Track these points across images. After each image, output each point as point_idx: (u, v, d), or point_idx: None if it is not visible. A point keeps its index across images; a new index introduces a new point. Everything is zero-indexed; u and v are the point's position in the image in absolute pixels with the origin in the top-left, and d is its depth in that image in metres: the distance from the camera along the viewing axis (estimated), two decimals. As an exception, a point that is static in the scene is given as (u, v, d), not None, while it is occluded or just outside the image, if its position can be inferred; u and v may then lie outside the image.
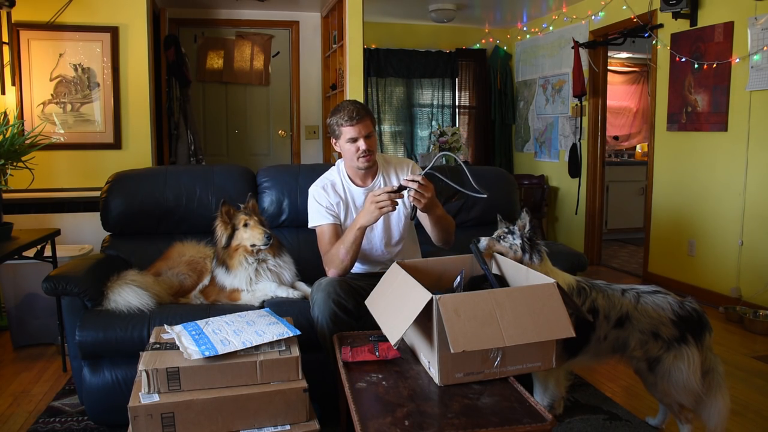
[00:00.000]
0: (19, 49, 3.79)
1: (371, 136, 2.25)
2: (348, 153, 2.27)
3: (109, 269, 2.37)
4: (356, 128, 2.20)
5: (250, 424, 1.66)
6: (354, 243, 2.16)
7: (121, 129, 4.00)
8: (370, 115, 2.26)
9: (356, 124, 2.20)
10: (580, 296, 2.01)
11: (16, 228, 2.66)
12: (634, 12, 4.56)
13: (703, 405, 1.99)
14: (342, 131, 2.23)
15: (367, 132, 2.22)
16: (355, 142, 2.22)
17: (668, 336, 1.95)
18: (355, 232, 2.14)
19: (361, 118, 2.20)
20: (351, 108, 2.21)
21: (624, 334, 2.00)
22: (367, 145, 2.22)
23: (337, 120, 2.23)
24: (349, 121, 2.19)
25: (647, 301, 2.00)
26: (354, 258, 2.20)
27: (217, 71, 5.68)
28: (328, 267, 2.25)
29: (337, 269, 2.21)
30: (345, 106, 2.23)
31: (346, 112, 2.20)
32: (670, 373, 1.94)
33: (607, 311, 2.00)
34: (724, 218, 3.95)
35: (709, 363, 1.99)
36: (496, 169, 3.17)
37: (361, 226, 2.12)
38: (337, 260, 2.20)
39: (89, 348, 2.15)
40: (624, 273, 5.02)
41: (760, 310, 3.54)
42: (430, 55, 6.40)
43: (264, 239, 2.31)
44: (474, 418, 1.43)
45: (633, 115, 7.44)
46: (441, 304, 1.51)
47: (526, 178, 6.04)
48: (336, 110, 2.26)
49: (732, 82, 3.80)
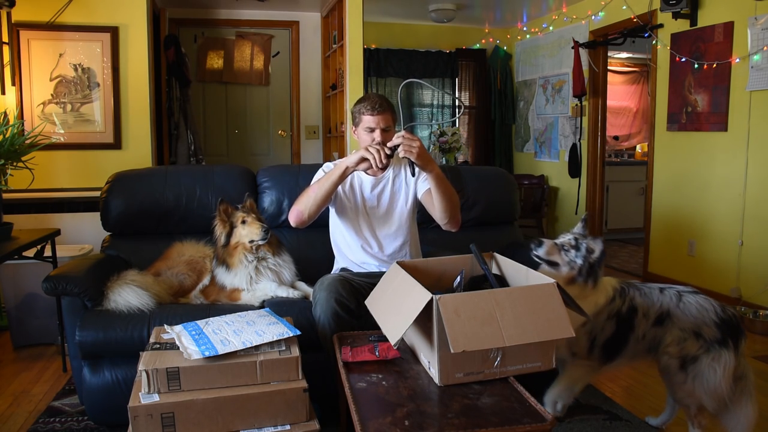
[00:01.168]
0: (19, 49, 3.79)
1: (389, 131, 2.28)
2: (363, 142, 2.28)
3: (109, 269, 2.37)
4: (376, 119, 2.25)
5: (250, 424, 1.66)
6: (328, 180, 2.18)
7: (121, 129, 4.00)
8: (393, 111, 2.30)
9: (377, 115, 2.24)
10: (621, 297, 2.01)
11: (16, 228, 2.66)
12: (634, 12, 4.56)
13: (729, 411, 1.96)
14: (362, 119, 2.28)
15: (385, 125, 2.26)
16: (372, 132, 2.26)
17: (710, 337, 1.93)
18: (331, 172, 2.18)
19: (382, 110, 2.25)
20: (375, 99, 2.28)
21: (661, 332, 1.98)
22: (383, 138, 2.24)
23: (359, 108, 2.29)
24: (371, 111, 2.25)
25: (690, 301, 1.98)
26: (319, 202, 2.21)
27: (217, 71, 5.68)
28: (294, 206, 2.29)
29: (297, 205, 2.26)
30: (370, 96, 2.30)
31: (370, 102, 2.27)
32: (703, 374, 1.92)
33: (645, 309, 1.99)
34: (724, 218, 3.95)
35: (742, 369, 1.96)
36: (496, 169, 3.17)
37: (341, 165, 2.16)
38: (304, 197, 2.24)
39: (89, 348, 2.15)
40: (624, 273, 5.02)
41: (760, 310, 3.54)
42: (430, 55, 6.40)
43: (262, 234, 2.31)
44: (474, 418, 1.43)
45: (633, 115, 7.45)
46: (441, 304, 1.51)
47: (526, 178, 6.04)
48: (361, 99, 2.34)
49: (732, 82, 3.80)
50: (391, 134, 2.28)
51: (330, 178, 2.18)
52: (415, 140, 2.04)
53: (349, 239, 2.41)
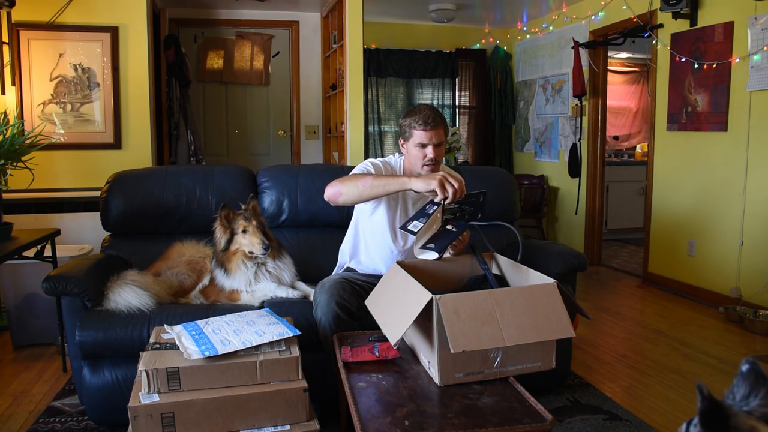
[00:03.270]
0: (19, 49, 3.79)
1: (441, 145, 2.20)
2: (413, 158, 2.22)
3: (109, 269, 2.37)
4: (429, 134, 2.16)
5: (250, 424, 1.66)
6: (383, 187, 2.00)
7: (121, 129, 4.00)
8: (445, 125, 2.22)
9: (429, 130, 2.15)
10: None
11: (16, 228, 2.66)
12: (634, 12, 4.56)
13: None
14: (413, 134, 2.18)
15: (438, 140, 2.18)
16: (423, 147, 2.18)
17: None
18: (392, 180, 2.01)
19: (436, 125, 2.16)
20: (428, 113, 2.16)
21: None
22: (435, 154, 2.18)
23: (410, 122, 2.18)
24: (423, 126, 2.15)
25: None
26: (362, 198, 2.07)
27: (217, 71, 5.68)
28: (336, 183, 2.10)
29: (341, 186, 2.07)
30: (422, 110, 2.19)
31: (422, 116, 2.16)
32: None
33: None
34: (724, 218, 3.95)
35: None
36: (496, 169, 3.17)
37: (404, 184, 1.98)
38: (350, 182, 2.06)
39: (89, 348, 2.15)
40: (624, 273, 5.02)
41: (760, 310, 3.54)
42: (430, 55, 6.40)
43: (261, 249, 2.30)
44: (474, 418, 1.43)
45: (633, 115, 7.44)
46: (441, 304, 1.51)
47: (526, 178, 6.04)
48: (412, 111, 2.21)
49: (732, 82, 3.80)
50: (443, 149, 2.22)
51: (386, 187, 2.03)
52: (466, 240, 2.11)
53: (376, 240, 2.33)
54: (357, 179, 2.08)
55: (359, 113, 4.57)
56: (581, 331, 3.42)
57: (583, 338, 3.32)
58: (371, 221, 2.35)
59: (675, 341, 3.30)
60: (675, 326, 3.57)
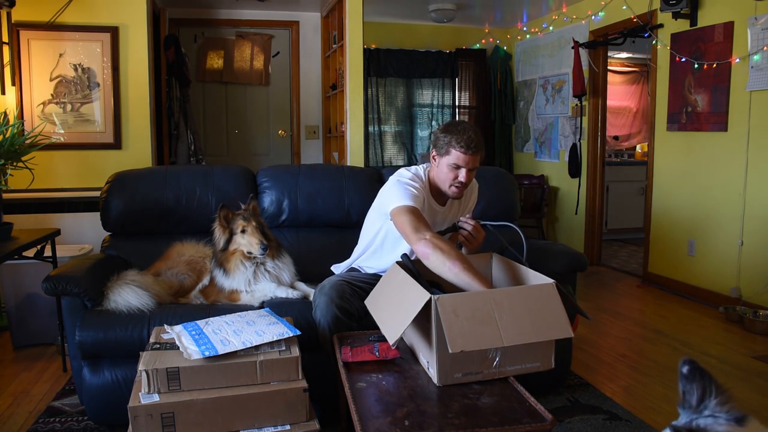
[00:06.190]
0: (19, 49, 3.79)
1: (474, 170, 2.19)
2: (443, 174, 2.18)
3: (109, 269, 2.37)
4: (467, 158, 2.12)
5: (250, 424, 1.66)
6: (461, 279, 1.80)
7: (121, 129, 4.00)
8: (483, 151, 2.18)
9: (470, 155, 2.12)
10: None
11: (16, 228, 2.66)
12: (634, 12, 4.56)
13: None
14: (451, 152, 2.13)
15: (473, 166, 2.15)
16: (457, 169, 2.14)
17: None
18: (466, 283, 1.79)
19: (476, 151, 2.12)
20: (472, 136, 2.11)
21: None
22: (467, 179, 2.16)
23: (451, 140, 2.12)
24: (465, 149, 2.10)
25: None
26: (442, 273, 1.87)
27: (217, 71, 5.68)
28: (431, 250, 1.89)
29: (434, 257, 1.87)
30: (466, 131, 2.12)
31: (466, 138, 2.10)
32: None
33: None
34: (724, 218, 3.95)
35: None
36: (496, 169, 3.17)
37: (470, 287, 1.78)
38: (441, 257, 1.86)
39: (89, 348, 2.15)
40: (624, 273, 5.02)
41: (760, 310, 3.54)
42: (430, 55, 6.40)
43: (260, 249, 2.31)
44: (474, 418, 1.43)
45: (633, 115, 7.44)
46: (439, 304, 1.51)
47: (526, 178, 6.04)
48: (455, 129, 2.14)
49: (732, 82, 3.80)
50: (474, 173, 2.20)
51: (459, 283, 1.81)
52: (480, 237, 2.12)
53: (395, 244, 2.30)
54: (448, 258, 1.85)
55: (359, 113, 4.57)
56: (581, 331, 3.42)
57: (583, 338, 3.32)
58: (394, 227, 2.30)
59: (675, 341, 3.30)
60: (675, 326, 3.57)
